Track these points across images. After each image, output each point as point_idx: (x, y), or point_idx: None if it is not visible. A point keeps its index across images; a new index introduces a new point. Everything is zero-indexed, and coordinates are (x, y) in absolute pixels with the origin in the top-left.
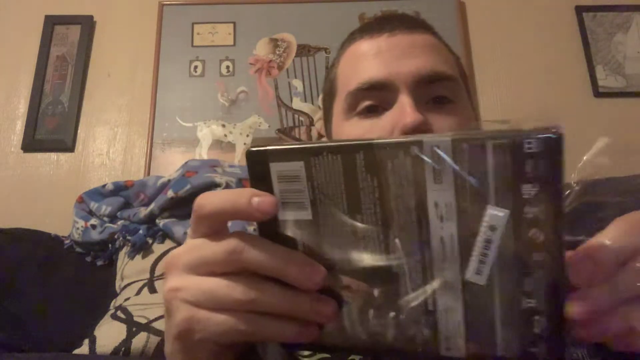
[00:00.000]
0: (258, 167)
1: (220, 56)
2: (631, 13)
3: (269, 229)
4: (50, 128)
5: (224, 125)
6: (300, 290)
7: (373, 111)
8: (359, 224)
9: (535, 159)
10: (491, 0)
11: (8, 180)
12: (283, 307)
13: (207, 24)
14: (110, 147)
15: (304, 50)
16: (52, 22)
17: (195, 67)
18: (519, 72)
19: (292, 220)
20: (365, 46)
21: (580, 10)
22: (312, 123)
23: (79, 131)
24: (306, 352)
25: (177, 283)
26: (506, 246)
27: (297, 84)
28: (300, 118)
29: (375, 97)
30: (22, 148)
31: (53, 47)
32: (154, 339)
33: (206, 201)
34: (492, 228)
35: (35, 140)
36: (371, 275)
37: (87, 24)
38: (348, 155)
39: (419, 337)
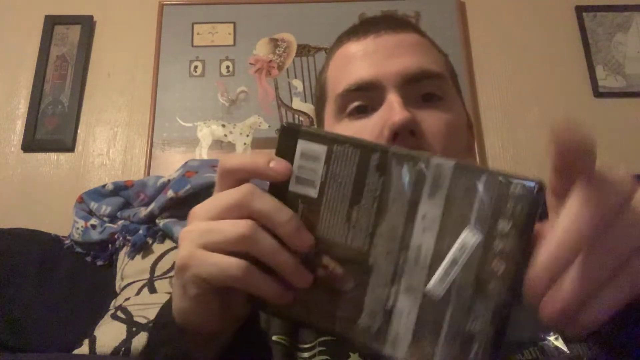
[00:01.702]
0: (287, 141)
1: (220, 56)
2: (631, 13)
3: (278, 194)
4: (50, 128)
5: (224, 125)
6: (291, 251)
7: (362, 111)
8: (354, 214)
9: (516, 201)
10: (491, 0)
11: (8, 180)
12: (272, 257)
13: (207, 24)
14: (110, 147)
15: (304, 50)
16: (52, 22)
17: (195, 67)
18: (519, 72)
19: (299, 194)
20: (352, 48)
21: (580, 10)
22: (312, 123)
23: (79, 131)
24: (306, 345)
25: (191, 227)
26: (469, 269)
27: (297, 84)
28: (300, 118)
29: (364, 97)
30: (22, 148)
31: (53, 47)
32: None
33: (229, 159)
34: (462, 249)
35: (35, 140)
36: (349, 262)
37: (87, 24)
38: (366, 152)
39: (371, 330)
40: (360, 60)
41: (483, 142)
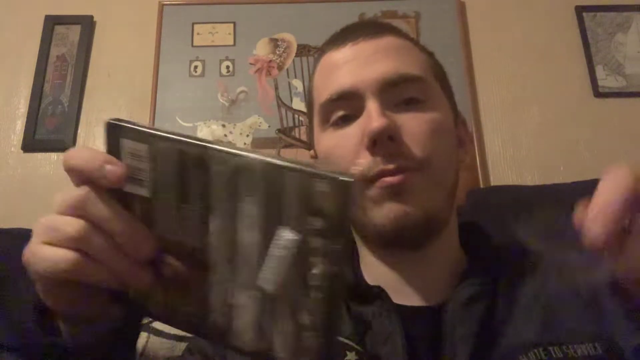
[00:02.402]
0: (113, 139)
1: (220, 56)
2: (631, 13)
3: (116, 194)
4: (50, 128)
5: (224, 126)
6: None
7: (347, 120)
8: (184, 213)
9: (324, 197)
10: (491, 0)
11: (8, 180)
12: (105, 259)
13: (207, 24)
14: None
15: (304, 50)
16: (52, 22)
17: (195, 67)
18: (519, 72)
19: (134, 194)
20: (333, 57)
21: (580, 10)
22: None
23: (79, 131)
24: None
25: (40, 220)
26: (294, 265)
27: (297, 84)
28: (300, 118)
29: (346, 106)
30: (22, 148)
31: (53, 47)
32: (154, 339)
33: (69, 156)
34: (281, 247)
35: (35, 140)
36: (190, 260)
37: (87, 24)
38: (184, 149)
39: (217, 324)
40: (339, 69)
41: (483, 142)
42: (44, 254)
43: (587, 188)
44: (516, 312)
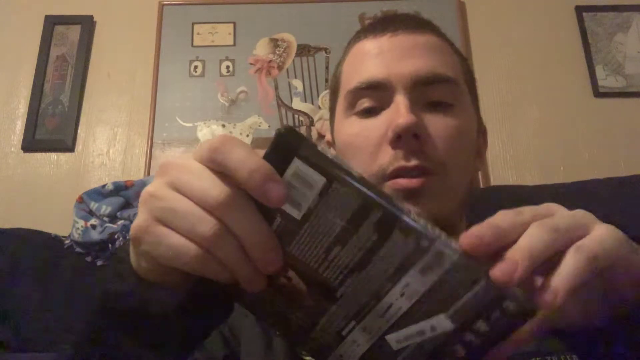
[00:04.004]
0: (282, 152)
1: (220, 56)
2: (631, 13)
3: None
4: (50, 128)
5: (224, 126)
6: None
7: (372, 112)
8: (334, 251)
9: (503, 315)
10: (491, 0)
11: (8, 180)
12: (231, 262)
13: (207, 24)
14: (110, 147)
15: (304, 50)
16: (52, 22)
17: (195, 67)
18: (519, 72)
19: (281, 209)
20: (368, 46)
21: (580, 10)
22: (312, 123)
23: (79, 131)
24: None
25: (155, 189)
26: (432, 341)
27: (297, 84)
28: (300, 118)
29: (374, 96)
30: (22, 148)
31: (53, 47)
32: None
33: (227, 150)
34: (433, 328)
35: (35, 140)
36: (314, 285)
37: (87, 24)
38: (369, 205)
39: (320, 342)
40: (373, 59)
41: None
42: (169, 241)
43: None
44: None
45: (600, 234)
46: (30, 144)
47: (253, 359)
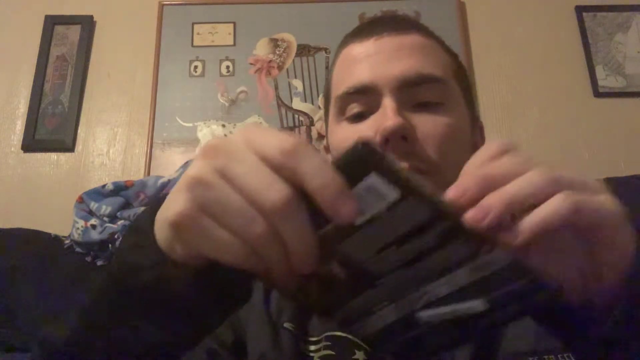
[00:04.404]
0: (358, 164)
1: (220, 56)
2: (631, 13)
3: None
4: (50, 128)
5: (224, 126)
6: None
7: (362, 117)
8: (387, 251)
9: (533, 297)
10: (491, 0)
11: (8, 180)
12: (272, 262)
13: (207, 24)
14: (110, 147)
15: (304, 50)
16: (52, 22)
17: (195, 67)
18: (519, 71)
19: None
20: (355, 50)
21: (580, 10)
22: (312, 123)
23: (79, 131)
24: (313, 338)
25: (202, 173)
26: (458, 314)
27: (297, 84)
28: (300, 118)
29: (362, 101)
30: (22, 148)
31: (53, 47)
32: None
33: (299, 153)
34: (469, 309)
35: (35, 140)
36: (355, 274)
37: (87, 24)
38: (438, 217)
39: (345, 311)
40: (360, 63)
41: (483, 142)
42: (215, 236)
43: None
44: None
45: (600, 197)
46: (30, 144)
47: (259, 350)
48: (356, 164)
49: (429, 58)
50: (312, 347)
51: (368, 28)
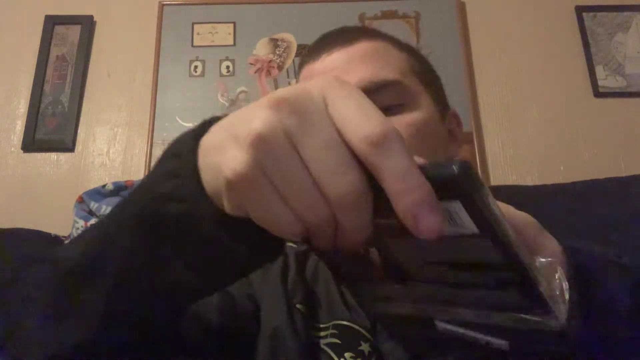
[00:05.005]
0: (447, 184)
1: (220, 56)
2: (631, 13)
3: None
4: (50, 128)
5: None
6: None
7: None
8: (436, 267)
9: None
10: (491, 0)
11: (8, 180)
12: (323, 239)
13: (207, 24)
14: (110, 147)
15: (304, 50)
16: (52, 22)
17: (195, 67)
18: (519, 72)
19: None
20: (309, 71)
21: (580, 10)
22: None
23: (79, 131)
24: (321, 325)
25: (270, 131)
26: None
27: None
28: None
29: None
30: (22, 148)
31: (53, 47)
32: None
33: (391, 154)
34: (488, 343)
35: (35, 140)
36: (390, 266)
37: (87, 24)
38: (503, 266)
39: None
40: None
41: (483, 142)
42: (273, 210)
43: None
44: None
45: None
46: (30, 144)
47: (273, 324)
48: (445, 182)
49: (380, 63)
50: (321, 333)
51: (317, 46)
